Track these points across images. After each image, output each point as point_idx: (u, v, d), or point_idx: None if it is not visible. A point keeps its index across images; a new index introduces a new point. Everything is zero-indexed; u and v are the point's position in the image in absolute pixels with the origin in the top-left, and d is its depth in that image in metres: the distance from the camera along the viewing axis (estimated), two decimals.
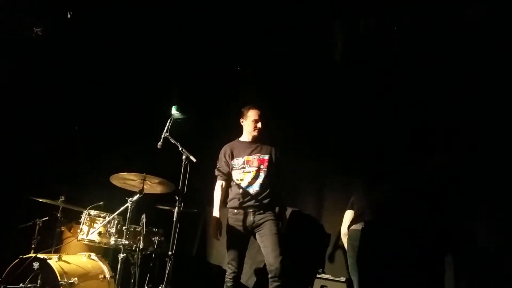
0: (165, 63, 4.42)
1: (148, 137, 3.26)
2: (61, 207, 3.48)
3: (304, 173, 4.02)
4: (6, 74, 3.77)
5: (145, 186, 3.21)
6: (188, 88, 4.64)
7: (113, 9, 3.86)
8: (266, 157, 3.16)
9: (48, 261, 2.94)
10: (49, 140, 4.03)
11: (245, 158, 3.16)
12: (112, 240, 3.18)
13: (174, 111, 4.65)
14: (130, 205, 3.11)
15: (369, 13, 3.51)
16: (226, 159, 3.21)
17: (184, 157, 2.99)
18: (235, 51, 4.17)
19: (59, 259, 3.03)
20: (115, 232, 3.20)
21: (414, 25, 3.40)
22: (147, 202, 3.32)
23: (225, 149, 3.25)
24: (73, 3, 3.75)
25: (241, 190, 3.10)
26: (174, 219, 3.01)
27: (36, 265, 2.92)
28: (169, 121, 3.05)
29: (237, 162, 3.18)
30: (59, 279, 2.86)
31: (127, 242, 3.13)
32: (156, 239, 3.39)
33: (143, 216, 3.23)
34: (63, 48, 4.01)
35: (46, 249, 3.28)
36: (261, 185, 3.09)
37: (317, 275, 3.50)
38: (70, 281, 2.91)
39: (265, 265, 3.03)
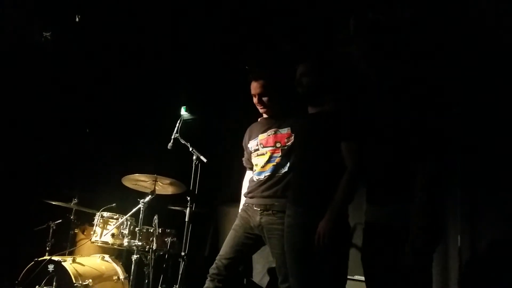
0: (173, 64, 4.43)
1: (159, 138, 3.27)
2: (74, 209, 3.50)
3: None
4: (17, 79, 3.81)
5: (156, 187, 3.22)
6: (197, 88, 4.65)
7: (122, 11, 3.87)
8: (285, 131, 2.40)
9: (62, 263, 2.95)
10: (61, 143, 4.07)
11: (259, 137, 2.49)
12: (125, 242, 3.19)
13: (183, 111, 4.66)
14: (142, 206, 3.13)
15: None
16: (244, 142, 2.64)
17: (194, 157, 3.00)
18: (243, 50, 4.16)
19: (74, 261, 3.05)
20: (128, 233, 3.22)
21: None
22: (159, 203, 3.32)
23: (247, 131, 2.67)
24: (81, 6, 3.78)
25: (253, 178, 2.47)
26: (186, 219, 3.03)
27: (51, 267, 2.94)
28: (179, 121, 3.06)
29: (252, 144, 2.54)
30: (74, 281, 2.88)
31: (140, 243, 3.14)
32: (168, 239, 3.40)
33: (156, 217, 3.24)
34: (74, 51, 4.04)
35: (61, 251, 3.31)
36: (274, 169, 2.35)
37: None
38: (84, 283, 2.92)
39: None
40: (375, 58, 1.85)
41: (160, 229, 3.26)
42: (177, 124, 3.03)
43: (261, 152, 2.44)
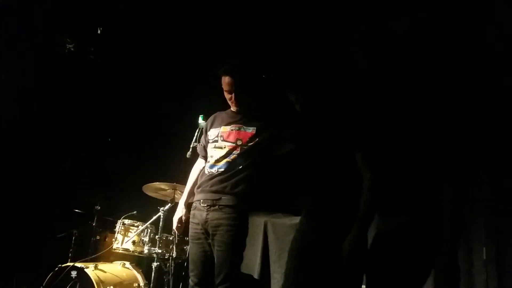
0: (191, 73, 4.49)
1: (178, 147, 3.32)
2: (96, 217, 3.59)
3: None
4: (41, 88, 3.93)
5: (176, 195, 3.28)
6: (215, 97, 4.69)
7: (140, 21, 3.96)
8: (250, 130, 2.29)
9: (85, 270, 3.03)
10: (84, 152, 4.16)
11: (221, 129, 2.34)
12: (145, 249, 3.25)
13: (201, 120, 4.69)
14: (162, 214, 3.19)
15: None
16: (205, 128, 2.51)
17: None
18: (260, 58, 4.19)
19: (96, 268, 3.11)
20: (148, 240, 3.28)
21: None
22: None
23: (210, 118, 2.55)
24: (102, 19, 3.88)
25: (205, 171, 2.33)
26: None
27: (74, 273, 3.01)
28: (197, 131, 3.09)
29: (212, 133, 2.39)
30: None
31: (160, 251, 3.19)
32: (187, 247, 3.42)
33: None
34: (95, 61, 4.14)
35: (83, 258, 3.38)
36: (229, 166, 2.23)
37: None
38: None
39: None
40: (383, 60, 1.81)
41: (179, 237, 3.31)
42: (196, 133, 3.07)
43: (219, 145, 2.31)
